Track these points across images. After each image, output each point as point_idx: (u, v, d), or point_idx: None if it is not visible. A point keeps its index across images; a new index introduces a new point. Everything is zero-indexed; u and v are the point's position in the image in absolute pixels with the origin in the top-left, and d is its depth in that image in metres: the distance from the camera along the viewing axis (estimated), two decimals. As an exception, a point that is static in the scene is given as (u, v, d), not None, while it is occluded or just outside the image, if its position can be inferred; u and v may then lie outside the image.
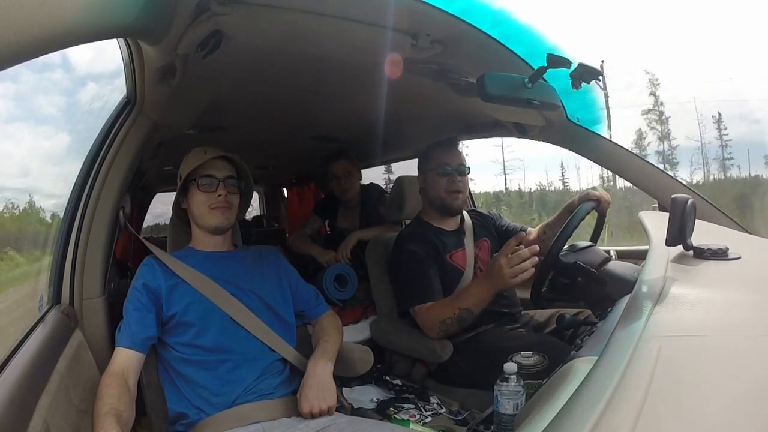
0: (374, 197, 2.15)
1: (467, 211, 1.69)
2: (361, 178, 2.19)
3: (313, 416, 1.00)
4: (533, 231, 1.63)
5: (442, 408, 1.36)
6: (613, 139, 1.44)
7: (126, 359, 1.00)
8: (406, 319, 1.53)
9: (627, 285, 0.96)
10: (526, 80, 1.07)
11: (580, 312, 1.44)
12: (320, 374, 1.05)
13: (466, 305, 1.35)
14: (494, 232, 1.67)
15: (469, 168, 1.58)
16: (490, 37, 1.03)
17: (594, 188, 1.40)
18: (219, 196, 1.13)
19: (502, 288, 1.28)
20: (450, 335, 1.41)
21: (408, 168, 2.24)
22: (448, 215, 1.59)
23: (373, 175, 2.66)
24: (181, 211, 1.22)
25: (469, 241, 1.58)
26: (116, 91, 1.23)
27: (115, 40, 0.97)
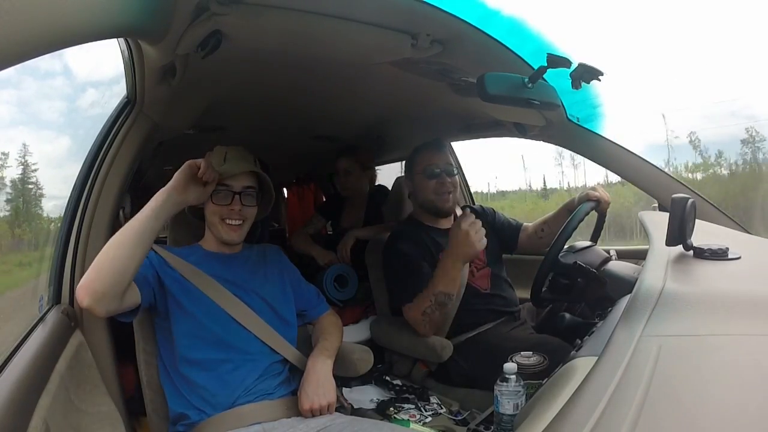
0: (381, 199, 2.14)
1: (462, 208, 1.69)
2: (368, 179, 2.16)
3: (312, 413, 1.00)
4: (530, 227, 1.63)
5: (442, 408, 1.36)
6: (613, 139, 1.44)
7: None
8: (402, 317, 1.53)
9: (627, 285, 0.96)
10: (526, 80, 1.07)
11: (565, 306, 1.45)
12: (320, 371, 1.05)
13: (438, 288, 1.34)
14: (489, 229, 1.65)
15: (457, 168, 1.57)
16: (490, 37, 1.03)
17: (593, 188, 1.40)
18: (232, 209, 1.10)
19: (471, 256, 1.30)
20: (438, 326, 1.41)
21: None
22: (439, 217, 1.58)
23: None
24: (195, 210, 1.18)
25: None
26: (115, 96, 1.23)
27: (115, 40, 0.97)
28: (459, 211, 1.66)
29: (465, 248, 1.28)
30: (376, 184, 2.27)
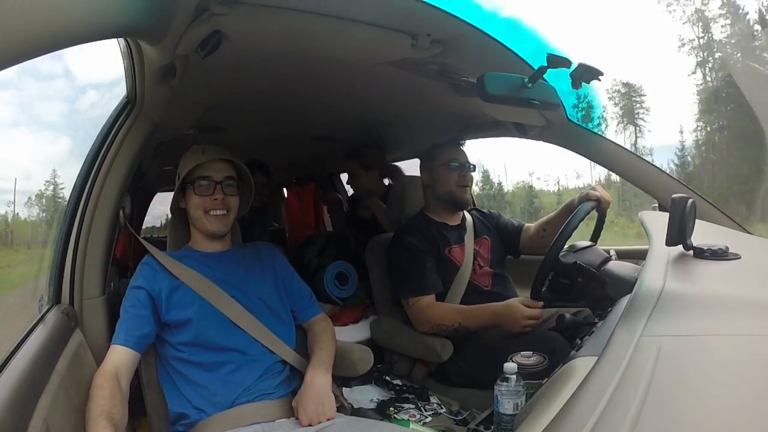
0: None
1: (468, 210, 1.70)
2: (376, 177, 2.13)
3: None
4: (532, 227, 1.64)
5: (442, 408, 1.36)
6: (613, 139, 1.44)
7: (120, 357, 0.99)
8: (404, 314, 1.54)
9: (627, 285, 0.95)
10: (526, 80, 1.07)
11: (578, 311, 1.45)
12: (319, 386, 1.03)
13: (466, 323, 1.40)
14: (494, 230, 1.68)
15: (474, 166, 1.61)
16: (490, 37, 1.03)
17: (594, 188, 1.40)
18: (215, 199, 1.11)
19: (507, 328, 1.35)
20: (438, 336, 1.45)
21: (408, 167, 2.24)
22: (455, 209, 1.61)
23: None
24: (179, 211, 1.20)
25: (469, 237, 1.60)
26: (115, 98, 1.23)
27: (115, 40, 0.97)
28: (467, 214, 1.67)
29: (508, 319, 1.35)
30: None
